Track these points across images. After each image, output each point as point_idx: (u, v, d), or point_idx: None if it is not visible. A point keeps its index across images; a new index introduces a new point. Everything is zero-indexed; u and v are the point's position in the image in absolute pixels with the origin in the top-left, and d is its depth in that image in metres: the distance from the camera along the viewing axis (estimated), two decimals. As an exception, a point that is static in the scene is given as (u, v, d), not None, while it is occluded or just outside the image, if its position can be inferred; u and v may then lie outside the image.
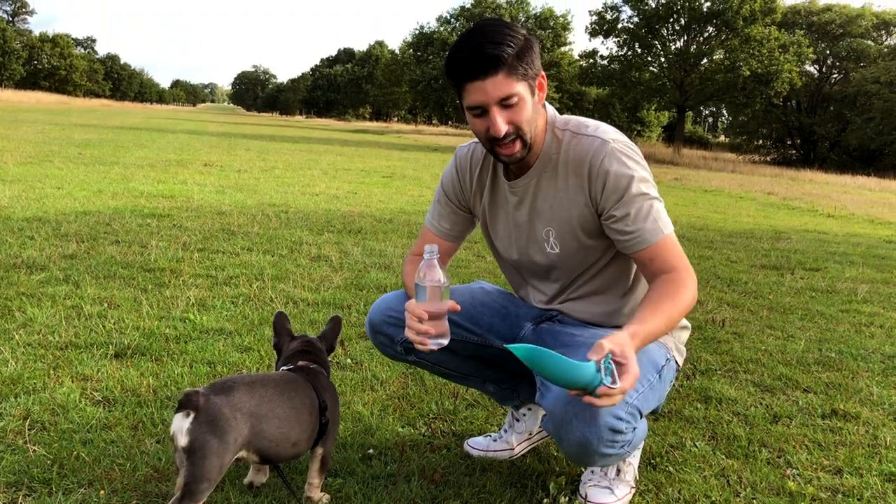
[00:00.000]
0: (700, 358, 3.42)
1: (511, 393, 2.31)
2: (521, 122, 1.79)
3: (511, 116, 1.78)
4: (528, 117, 1.80)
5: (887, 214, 12.66)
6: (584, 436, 1.73)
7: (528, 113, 1.79)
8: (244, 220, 6.39)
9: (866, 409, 2.89)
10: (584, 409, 1.71)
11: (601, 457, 1.79)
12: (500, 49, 1.70)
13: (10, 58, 77.67)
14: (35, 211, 5.94)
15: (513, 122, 1.78)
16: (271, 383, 1.79)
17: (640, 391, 1.83)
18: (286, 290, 4.07)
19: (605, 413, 1.71)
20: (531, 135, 1.83)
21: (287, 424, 1.76)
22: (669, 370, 2.00)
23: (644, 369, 1.87)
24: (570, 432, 1.75)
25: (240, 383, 1.72)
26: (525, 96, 1.77)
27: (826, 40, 43.89)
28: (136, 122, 29.27)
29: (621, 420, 1.75)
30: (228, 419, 1.62)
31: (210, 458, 1.58)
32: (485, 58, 1.71)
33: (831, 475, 2.30)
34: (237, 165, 11.99)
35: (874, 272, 6.30)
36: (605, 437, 1.73)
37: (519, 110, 1.77)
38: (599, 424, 1.72)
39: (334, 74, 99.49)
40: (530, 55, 1.76)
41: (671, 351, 2.02)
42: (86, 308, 3.43)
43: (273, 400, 1.75)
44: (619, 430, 1.75)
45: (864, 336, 4.06)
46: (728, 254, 6.72)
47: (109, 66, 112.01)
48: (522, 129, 1.80)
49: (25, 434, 2.18)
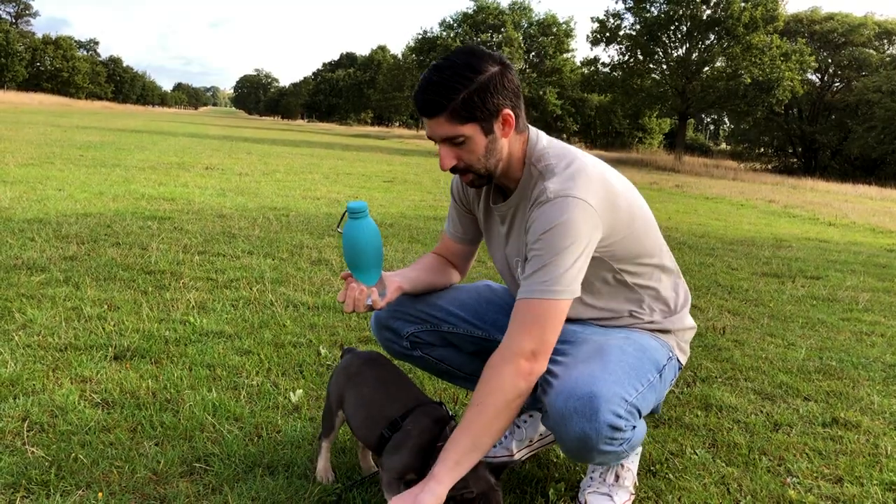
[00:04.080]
0: (701, 365, 3.42)
1: None
2: (470, 161, 1.82)
3: (458, 153, 1.82)
4: (480, 155, 1.82)
5: (888, 223, 12.65)
6: (584, 431, 1.73)
7: (477, 152, 1.81)
8: (245, 223, 6.39)
9: (867, 417, 2.88)
10: (585, 405, 1.71)
11: (600, 454, 1.79)
12: (444, 95, 1.74)
13: (13, 59, 77.78)
14: (36, 212, 5.94)
15: (460, 159, 1.82)
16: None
17: (639, 390, 1.83)
18: (286, 293, 4.07)
19: (605, 410, 1.72)
20: (487, 169, 1.85)
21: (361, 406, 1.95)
22: (671, 369, 2.00)
23: (645, 368, 1.87)
24: (569, 428, 1.75)
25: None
26: (474, 136, 1.79)
27: (828, 49, 43.93)
28: (137, 124, 29.30)
29: (620, 418, 1.75)
30: None
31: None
32: (427, 102, 1.76)
33: (832, 484, 2.29)
34: (239, 169, 12.00)
35: (875, 281, 6.30)
36: (605, 433, 1.73)
37: (467, 150, 1.81)
38: (599, 421, 1.72)
39: (336, 79, 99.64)
40: (485, 96, 1.75)
41: (673, 349, 2.02)
42: (86, 310, 3.42)
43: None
44: (618, 428, 1.75)
45: (865, 345, 4.05)
46: (729, 261, 6.72)
47: (112, 68, 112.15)
48: (472, 166, 1.84)
49: (24, 435, 2.17)
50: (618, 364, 1.82)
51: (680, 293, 2.09)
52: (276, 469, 2.09)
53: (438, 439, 1.82)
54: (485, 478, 1.77)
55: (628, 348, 1.89)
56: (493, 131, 1.80)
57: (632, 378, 1.82)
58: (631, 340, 1.93)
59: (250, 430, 2.33)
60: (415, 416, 1.87)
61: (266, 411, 2.49)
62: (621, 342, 1.90)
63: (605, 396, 1.73)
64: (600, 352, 1.84)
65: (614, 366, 1.81)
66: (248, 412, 2.46)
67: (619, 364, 1.82)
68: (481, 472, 1.77)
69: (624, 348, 1.88)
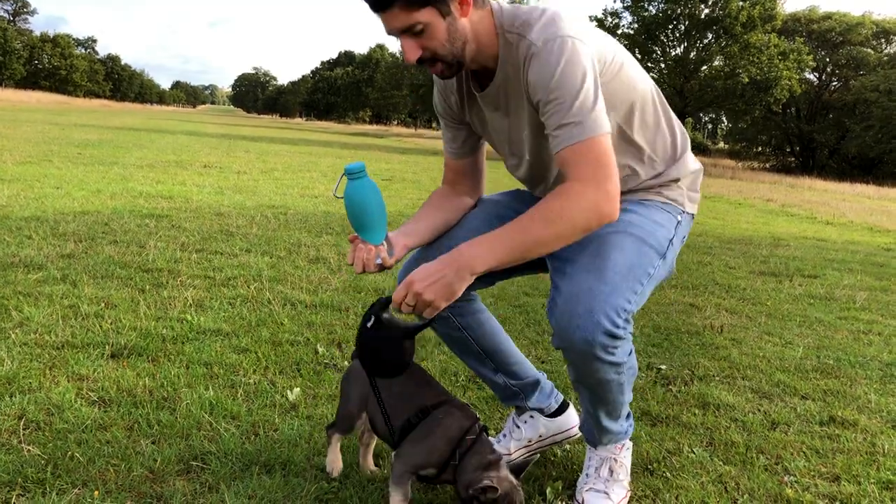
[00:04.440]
0: (698, 364, 3.42)
1: (518, 393, 2.30)
2: (434, 47, 1.75)
3: (422, 42, 1.74)
4: (443, 40, 1.74)
5: (886, 222, 12.67)
6: (584, 343, 1.76)
7: (440, 37, 1.74)
8: (243, 221, 6.39)
9: (864, 416, 2.88)
10: (585, 322, 1.74)
11: (602, 366, 1.81)
12: None
13: (11, 57, 77.73)
14: (33, 210, 5.93)
15: (425, 48, 1.75)
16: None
17: (638, 291, 1.84)
18: (284, 291, 4.07)
19: (604, 321, 1.74)
20: (454, 54, 1.78)
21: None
22: (679, 236, 2.00)
23: (645, 263, 1.87)
24: (572, 344, 1.77)
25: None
26: (432, 21, 1.71)
27: (826, 48, 44.00)
28: (135, 122, 29.27)
29: (618, 327, 1.77)
30: None
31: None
32: None
33: (829, 482, 2.29)
34: (236, 167, 11.99)
35: (872, 280, 6.31)
36: (602, 342, 1.76)
37: (428, 37, 1.73)
38: (598, 333, 1.74)
39: (335, 77, 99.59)
40: None
41: (682, 204, 2.02)
42: (83, 308, 3.42)
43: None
44: (616, 336, 1.77)
45: (862, 343, 4.06)
46: (727, 260, 6.72)
47: (110, 66, 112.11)
48: (437, 52, 1.76)
49: (20, 434, 2.17)
50: (615, 271, 1.80)
51: (678, 134, 2.03)
52: (272, 467, 2.09)
53: (468, 433, 1.81)
54: (507, 478, 1.78)
55: (627, 244, 1.86)
56: (450, 12, 1.73)
57: (630, 281, 1.82)
58: (631, 232, 1.89)
59: (247, 429, 2.33)
60: (446, 408, 1.86)
61: (263, 409, 2.48)
62: (620, 239, 1.87)
63: (602, 311, 1.75)
64: (598, 256, 1.82)
65: (611, 273, 1.79)
66: (246, 410, 2.46)
67: (617, 270, 1.81)
68: (503, 473, 1.78)
69: (623, 246, 1.85)
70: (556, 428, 2.32)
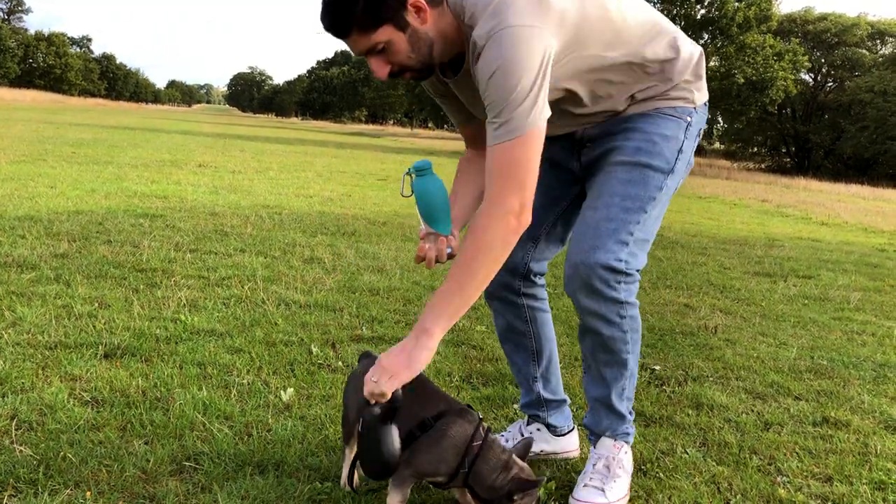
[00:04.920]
0: (692, 364, 3.42)
1: (543, 406, 2.33)
2: (399, 61, 1.78)
3: (387, 58, 1.78)
4: (406, 52, 1.77)
5: (880, 223, 12.70)
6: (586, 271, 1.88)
7: (403, 50, 1.76)
8: (237, 221, 6.38)
9: (857, 417, 2.89)
10: (588, 247, 1.89)
11: (604, 302, 1.91)
12: (344, 12, 1.71)
13: (6, 56, 77.51)
14: (27, 209, 5.92)
15: (391, 63, 1.79)
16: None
17: (640, 220, 1.94)
18: (278, 291, 4.06)
19: (600, 247, 1.88)
20: (421, 61, 1.80)
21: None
22: (691, 136, 2.03)
23: (646, 196, 1.95)
24: (573, 271, 1.91)
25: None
26: (392, 37, 1.73)
27: (821, 49, 44.08)
28: (130, 121, 29.21)
29: (620, 261, 1.89)
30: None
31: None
32: (332, 25, 1.75)
33: (821, 483, 2.30)
34: (232, 166, 11.97)
35: (867, 280, 6.32)
36: (601, 271, 1.88)
37: (392, 52, 1.76)
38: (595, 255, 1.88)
39: (331, 77, 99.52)
40: None
41: (693, 100, 2.03)
42: (76, 307, 3.41)
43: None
44: (616, 269, 1.88)
45: (855, 344, 4.07)
46: (721, 260, 6.74)
47: (105, 65, 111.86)
48: (404, 64, 1.80)
49: (12, 434, 2.16)
50: (618, 206, 1.93)
51: (667, 34, 1.99)
52: (266, 468, 2.09)
53: (474, 440, 1.81)
54: (525, 466, 1.84)
55: (633, 175, 1.95)
56: (408, 24, 1.74)
57: (633, 213, 1.93)
58: (636, 161, 1.96)
59: (241, 429, 2.33)
60: (448, 418, 1.84)
61: (257, 410, 2.48)
62: (625, 172, 1.96)
63: (604, 246, 1.89)
64: (602, 194, 1.96)
65: (615, 209, 1.92)
66: (239, 411, 2.46)
67: (619, 204, 1.93)
68: (521, 464, 1.84)
69: (628, 178, 1.95)
70: (559, 447, 2.35)
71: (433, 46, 1.79)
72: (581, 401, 2.77)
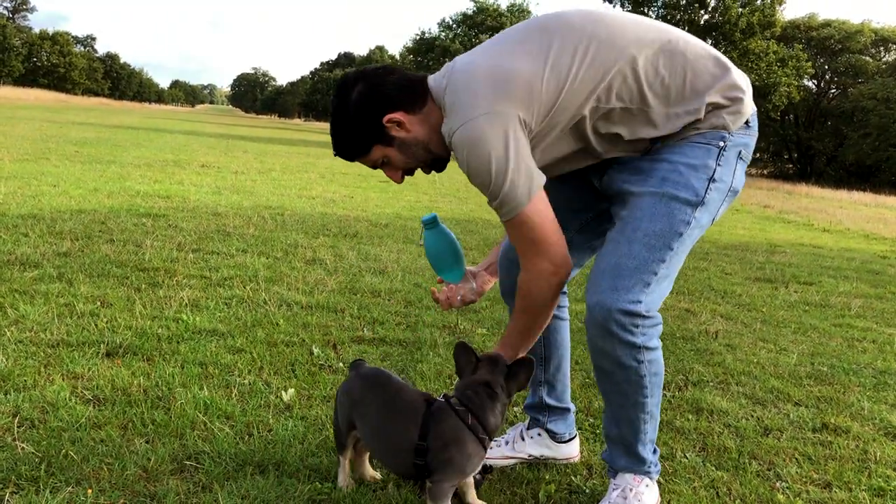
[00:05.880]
0: (692, 369, 3.43)
1: (545, 411, 2.33)
2: (405, 165, 1.95)
3: (395, 167, 1.95)
4: (403, 160, 1.93)
5: (882, 230, 12.70)
6: (601, 313, 1.80)
7: (400, 160, 1.93)
8: (240, 221, 6.39)
9: (857, 423, 2.89)
10: (607, 287, 1.81)
11: (619, 345, 1.82)
12: (341, 147, 1.94)
13: (10, 55, 77.67)
14: (30, 208, 5.93)
15: (400, 170, 1.96)
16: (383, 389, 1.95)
17: (666, 259, 1.83)
18: (280, 292, 4.07)
19: (620, 287, 1.80)
20: (420, 160, 1.94)
21: (377, 438, 1.92)
22: (727, 164, 1.88)
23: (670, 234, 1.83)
24: (591, 311, 1.84)
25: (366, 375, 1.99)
26: (385, 153, 1.91)
27: (825, 55, 44.08)
28: (134, 121, 29.24)
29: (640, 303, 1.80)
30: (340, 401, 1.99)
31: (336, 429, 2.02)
32: (340, 155, 1.96)
33: (821, 489, 2.30)
34: (234, 167, 11.99)
35: (868, 287, 6.32)
36: (618, 315, 1.79)
37: (394, 162, 1.93)
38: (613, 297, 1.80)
39: (334, 78, 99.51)
40: (360, 125, 1.87)
41: (723, 132, 1.86)
42: (78, 306, 3.42)
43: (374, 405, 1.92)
44: (635, 312, 1.80)
45: (856, 351, 4.07)
46: (723, 266, 6.74)
47: (109, 64, 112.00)
48: (410, 166, 1.96)
49: (14, 431, 2.17)
50: (642, 242, 1.82)
51: (689, 67, 1.84)
52: (266, 468, 2.09)
53: (466, 414, 1.86)
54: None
55: (657, 209, 1.83)
56: (393, 138, 1.88)
57: (657, 251, 1.82)
58: (663, 192, 1.84)
59: (241, 429, 2.33)
60: (438, 426, 1.84)
61: (257, 410, 2.49)
62: (650, 204, 1.84)
63: (624, 287, 1.80)
64: (626, 229, 1.85)
65: (637, 246, 1.82)
66: (240, 410, 2.46)
67: (642, 241, 1.82)
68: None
69: (652, 212, 1.83)
70: (560, 454, 2.34)
71: (429, 145, 1.90)
72: (582, 404, 2.78)
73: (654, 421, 1.98)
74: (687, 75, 1.83)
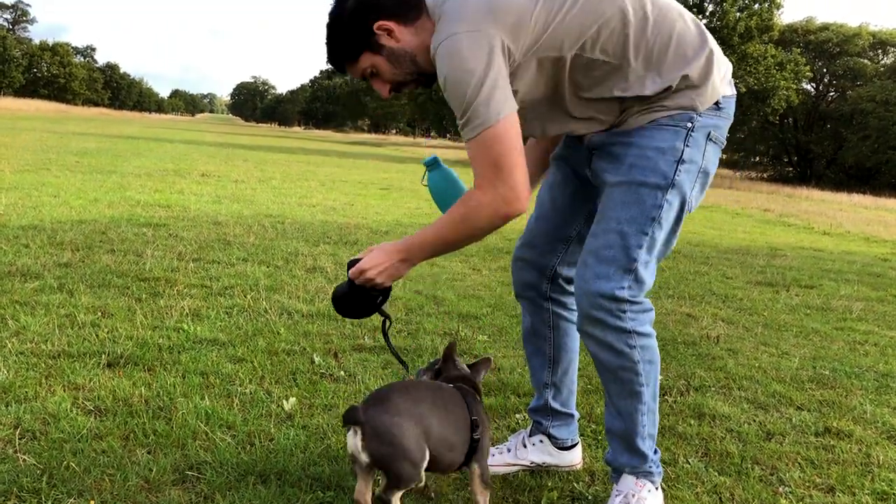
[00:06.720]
0: (694, 374, 3.42)
1: (549, 415, 2.33)
2: (392, 78, 1.94)
3: (382, 79, 1.94)
4: (390, 70, 1.91)
5: (882, 232, 12.70)
6: (589, 301, 1.86)
7: (386, 70, 1.92)
8: (240, 230, 6.39)
9: (859, 427, 2.89)
10: (591, 276, 1.87)
11: (610, 332, 1.88)
12: (334, 52, 1.94)
13: (10, 65, 77.93)
14: (31, 219, 5.94)
15: (389, 82, 1.95)
16: (424, 387, 1.94)
17: (643, 244, 1.87)
18: (281, 301, 4.07)
19: (602, 275, 1.86)
20: (409, 74, 1.92)
21: (444, 426, 1.84)
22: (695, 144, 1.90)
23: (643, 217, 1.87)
24: (579, 301, 1.89)
25: (394, 389, 1.85)
26: (373, 61, 1.90)
27: (823, 59, 44.14)
28: (134, 131, 29.30)
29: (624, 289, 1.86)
30: (392, 425, 1.72)
31: (397, 463, 1.71)
32: (331, 62, 1.97)
33: (824, 493, 2.30)
34: (234, 176, 12.00)
35: (869, 290, 6.32)
36: (603, 301, 1.85)
37: (381, 72, 1.92)
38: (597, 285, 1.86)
39: (333, 86, 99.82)
40: (351, 28, 1.88)
41: (690, 113, 1.88)
42: (79, 317, 3.42)
43: (428, 401, 1.85)
44: (619, 297, 1.85)
45: (858, 354, 4.06)
46: (724, 270, 6.74)
47: (109, 74, 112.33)
48: (397, 80, 1.94)
49: (15, 443, 2.17)
50: (617, 230, 1.88)
51: (673, 33, 1.87)
52: (268, 477, 2.09)
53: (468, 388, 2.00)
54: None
55: (627, 196, 1.88)
56: (382, 46, 1.88)
57: (633, 237, 1.87)
58: (630, 179, 1.88)
59: (243, 439, 2.33)
60: (474, 403, 1.96)
61: (259, 419, 2.49)
62: (620, 193, 1.89)
63: (605, 274, 1.86)
64: (602, 219, 1.92)
65: (612, 235, 1.88)
66: (241, 420, 2.46)
67: (617, 229, 1.88)
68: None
69: (623, 199, 1.89)
70: (562, 461, 2.34)
71: (416, 58, 1.90)
72: (584, 410, 2.78)
73: (652, 415, 2.01)
74: (672, 42, 1.86)
